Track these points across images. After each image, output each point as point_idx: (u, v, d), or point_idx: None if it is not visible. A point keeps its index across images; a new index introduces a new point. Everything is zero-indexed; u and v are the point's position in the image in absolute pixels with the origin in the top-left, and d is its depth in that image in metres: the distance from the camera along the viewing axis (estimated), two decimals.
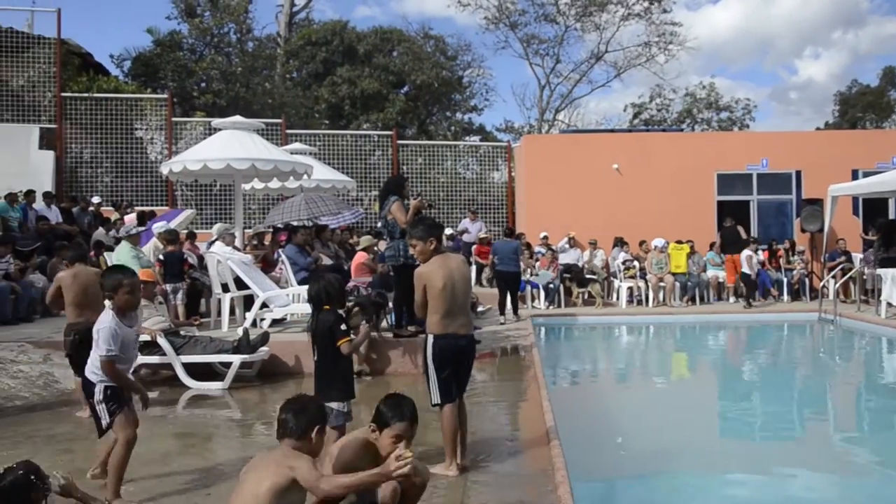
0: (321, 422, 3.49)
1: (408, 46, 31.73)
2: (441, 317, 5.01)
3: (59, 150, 17.50)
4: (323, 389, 4.79)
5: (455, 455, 5.08)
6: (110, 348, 4.42)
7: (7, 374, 7.94)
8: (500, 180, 21.52)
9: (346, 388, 4.83)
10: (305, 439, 3.42)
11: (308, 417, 3.45)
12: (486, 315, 13.58)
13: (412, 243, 5.19)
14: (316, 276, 5.05)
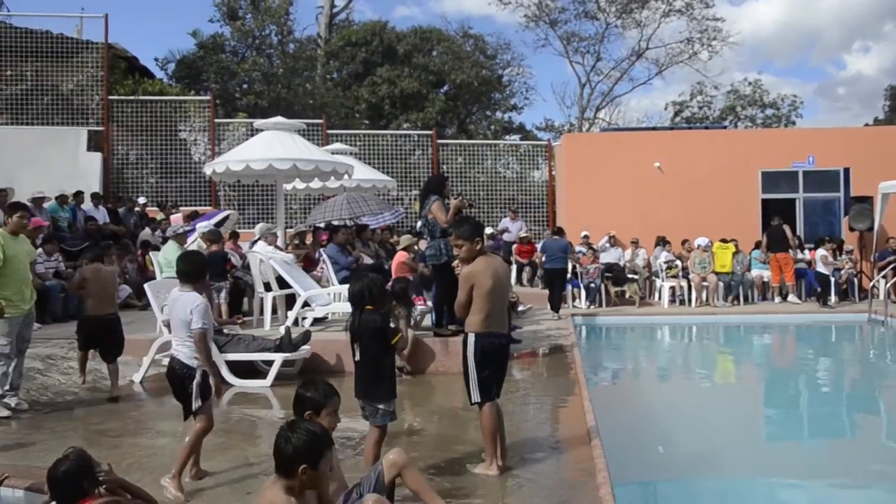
0: (309, 458, 3.10)
1: (447, 46, 31.75)
2: (485, 316, 5.03)
3: (106, 152, 17.84)
4: (367, 389, 4.79)
5: (496, 454, 5.07)
6: (205, 322, 4.88)
7: (58, 371, 8.13)
8: (540, 179, 21.42)
9: (389, 387, 4.81)
10: (293, 476, 3.11)
11: (293, 452, 3.10)
12: (527, 314, 13.53)
13: (457, 243, 5.17)
14: (358, 276, 5.05)
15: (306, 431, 3.14)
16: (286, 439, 3.11)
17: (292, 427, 3.17)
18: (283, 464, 3.10)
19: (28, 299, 6.96)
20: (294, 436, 3.10)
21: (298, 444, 3.08)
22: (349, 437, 5.95)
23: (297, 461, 3.06)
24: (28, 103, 17.95)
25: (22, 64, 17.91)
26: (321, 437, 3.17)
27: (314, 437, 3.14)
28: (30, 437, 6.16)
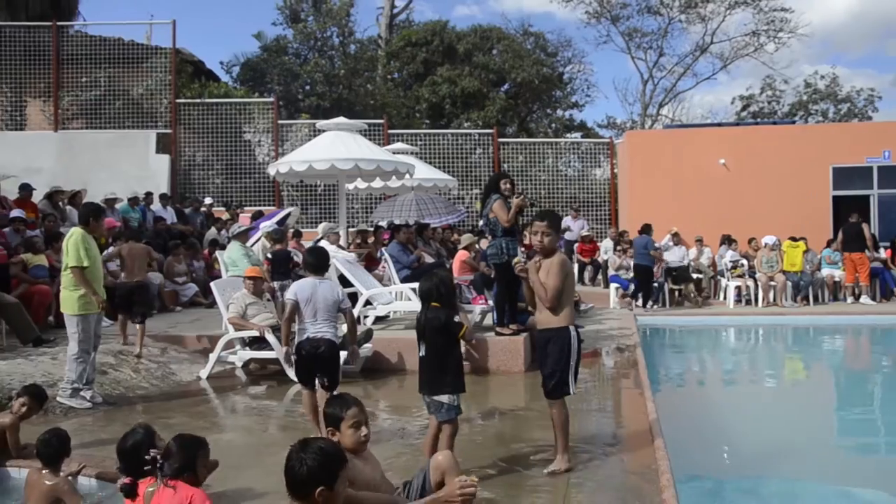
0: (326, 479, 2.87)
1: (507, 44, 31.63)
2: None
3: (173, 154, 18.30)
4: (434, 383, 4.82)
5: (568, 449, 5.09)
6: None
7: (129, 366, 8.37)
8: (602, 177, 21.18)
9: (456, 381, 4.83)
10: (309, 499, 2.87)
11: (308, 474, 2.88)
12: (589, 313, 13.39)
13: (546, 231, 5.04)
14: (430, 273, 5.10)
15: (318, 450, 2.90)
16: (300, 461, 2.87)
17: (304, 447, 2.94)
18: (298, 486, 2.87)
19: (101, 298, 7.23)
20: (308, 456, 2.87)
21: (313, 464, 2.85)
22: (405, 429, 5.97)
23: (313, 483, 2.84)
24: (101, 108, 18.54)
25: (96, 70, 18.52)
26: (335, 454, 2.96)
27: (328, 455, 2.90)
28: (103, 429, 6.36)
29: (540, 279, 4.98)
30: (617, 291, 14.98)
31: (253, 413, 7.37)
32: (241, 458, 5.52)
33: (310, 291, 5.69)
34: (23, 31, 18.20)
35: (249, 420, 7.07)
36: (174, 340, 9.59)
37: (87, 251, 7.03)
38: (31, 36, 18.15)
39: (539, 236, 5.04)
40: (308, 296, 5.66)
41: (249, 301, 8.52)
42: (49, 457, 4.52)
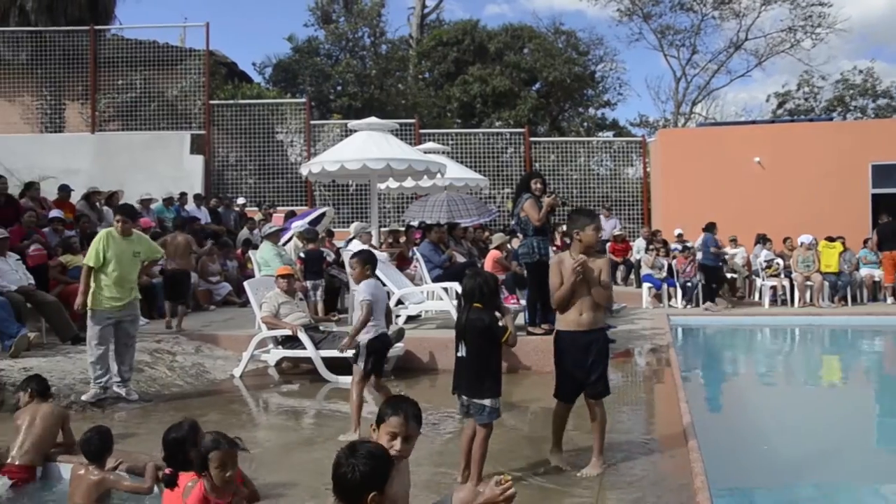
0: (378, 484, 2.83)
1: (539, 43, 31.51)
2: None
3: (207, 155, 18.50)
4: (474, 386, 4.77)
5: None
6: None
7: (164, 364, 8.48)
8: (634, 176, 21.01)
9: (495, 385, 4.78)
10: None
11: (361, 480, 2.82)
12: (621, 313, 13.28)
13: (588, 231, 5.05)
14: (473, 273, 5.05)
15: (368, 455, 2.85)
16: (352, 467, 2.81)
17: (353, 452, 2.88)
18: (350, 493, 2.83)
19: (122, 297, 7.25)
20: (358, 462, 2.82)
21: (365, 470, 2.80)
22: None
23: (365, 489, 2.80)
24: (137, 110, 18.79)
25: (131, 73, 18.78)
26: (384, 457, 2.94)
27: (378, 459, 2.87)
28: (139, 426, 6.45)
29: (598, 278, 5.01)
30: (649, 291, 14.86)
31: (285, 411, 7.43)
32: (273, 456, 5.56)
33: (379, 292, 6.18)
34: (61, 35, 18.52)
35: (282, 418, 7.13)
36: (208, 339, 9.69)
37: (104, 252, 7.15)
38: (70, 40, 18.46)
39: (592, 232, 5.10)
40: (380, 296, 6.15)
41: (282, 300, 8.58)
42: (93, 454, 4.65)
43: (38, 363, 7.71)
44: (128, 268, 7.31)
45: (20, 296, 8.84)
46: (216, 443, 3.79)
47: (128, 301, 7.33)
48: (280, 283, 8.73)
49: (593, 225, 5.12)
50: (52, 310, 9.10)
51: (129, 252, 7.33)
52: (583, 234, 5.07)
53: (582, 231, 5.07)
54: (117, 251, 7.26)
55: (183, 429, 4.15)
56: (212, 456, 3.73)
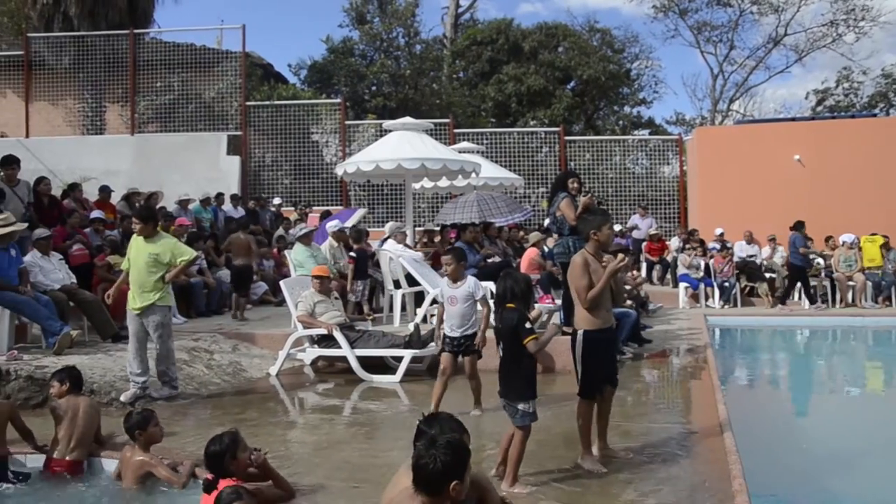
0: (459, 474, 2.93)
1: (573, 41, 31.35)
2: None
3: (244, 155, 18.68)
4: (508, 388, 4.78)
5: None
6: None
7: (202, 363, 8.58)
8: (670, 175, 20.80)
9: (528, 388, 4.75)
10: (440, 495, 2.92)
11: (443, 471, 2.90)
12: (657, 313, 13.15)
13: (604, 230, 5.18)
14: (504, 274, 5.07)
15: (448, 446, 2.95)
16: (433, 458, 2.90)
17: (434, 443, 2.97)
18: (431, 483, 2.91)
19: (137, 300, 7.26)
20: (439, 453, 2.91)
21: (446, 460, 2.90)
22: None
23: (447, 479, 2.89)
24: (175, 111, 19.06)
25: (170, 75, 19.06)
26: (464, 447, 3.02)
27: (458, 449, 2.97)
28: (178, 423, 6.53)
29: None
30: (686, 291, 14.69)
31: (320, 410, 7.48)
32: (308, 455, 5.60)
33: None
34: (102, 39, 18.85)
35: (317, 417, 7.17)
36: (245, 338, 9.79)
37: (129, 254, 7.41)
38: (110, 44, 18.79)
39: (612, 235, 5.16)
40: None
41: (318, 299, 8.64)
42: (131, 428, 5.00)
43: (80, 360, 7.84)
44: (142, 271, 7.24)
45: (63, 294, 9.01)
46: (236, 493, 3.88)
47: (143, 305, 7.25)
48: (315, 284, 8.79)
49: (609, 224, 5.27)
50: (94, 308, 9.27)
51: (145, 254, 7.25)
52: (599, 233, 5.18)
53: (598, 231, 5.18)
54: (134, 254, 7.35)
55: (223, 442, 4.28)
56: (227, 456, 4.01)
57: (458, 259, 6.59)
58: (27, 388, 7.22)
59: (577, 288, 5.05)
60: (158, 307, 7.29)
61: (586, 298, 5.03)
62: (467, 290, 6.51)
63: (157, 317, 7.28)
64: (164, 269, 7.29)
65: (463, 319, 6.51)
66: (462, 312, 6.51)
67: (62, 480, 5.25)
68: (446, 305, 6.56)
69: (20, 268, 8.63)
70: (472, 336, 6.51)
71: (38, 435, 5.61)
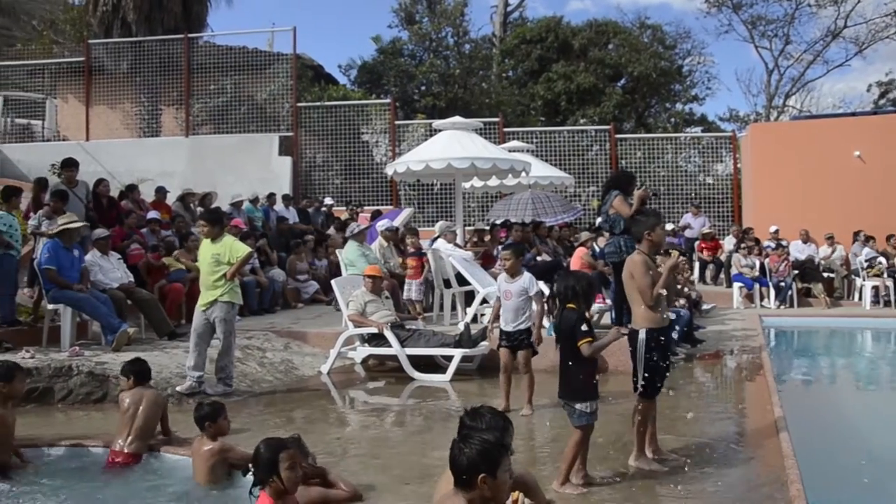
0: (487, 466, 2.96)
1: (624, 38, 31.00)
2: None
3: (295, 156, 18.90)
4: (565, 387, 4.78)
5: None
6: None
7: (255, 360, 8.71)
8: (724, 172, 20.41)
9: (586, 388, 4.73)
10: (473, 488, 2.97)
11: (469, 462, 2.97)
12: (711, 313, 12.92)
13: (657, 231, 5.21)
14: (565, 274, 5.11)
15: (480, 440, 3.01)
16: (460, 449, 3.00)
17: (465, 437, 3.06)
18: (462, 474, 2.99)
19: (203, 298, 7.64)
20: (467, 445, 3.00)
21: (472, 452, 2.97)
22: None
23: (474, 470, 2.95)
24: (228, 113, 19.38)
25: (222, 78, 19.41)
26: (496, 443, 3.04)
27: (489, 443, 3.01)
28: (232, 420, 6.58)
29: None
30: (740, 291, 14.42)
31: (371, 408, 7.53)
32: (359, 453, 5.63)
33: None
34: (158, 44, 19.27)
35: (368, 415, 7.22)
36: (296, 336, 9.91)
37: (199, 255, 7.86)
38: (166, 48, 19.19)
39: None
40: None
41: (368, 299, 8.70)
42: (201, 419, 5.13)
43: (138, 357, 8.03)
44: (206, 270, 7.66)
45: (121, 293, 9.24)
46: (282, 442, 3.87)
47: (207, 301, 7.60)
48: (366, 283, 8.85)
49: (661, 224, 5.32)
50: (150, 306, 9.49)
51: (209, 255, 7.63)
52: (653, 234, 5.20)
53: (652, 231, 5.20)
54: (201, 255, 7.82)
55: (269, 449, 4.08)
56: (282, 456, 3.78)
57: (517, 254, 6.69)
58: (88, 384, 7.44)
59: (640, 287, 5.03)
60: (221, 303, 7.59)
61: (651, 297, 5.01)
62: (522, 285, 6.59)
63: (220, 312, 7.58)
64: (224, 268, 7.60)
65: (516, 314, 6.59)
66: (516, 307, 6.59)
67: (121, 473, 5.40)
68: (501, 300, 6.66)
69: (82, 268, 8.88)
70: (525, 331, 6.59)
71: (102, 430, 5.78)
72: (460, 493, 3.00)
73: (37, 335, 8.82)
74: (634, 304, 5.13)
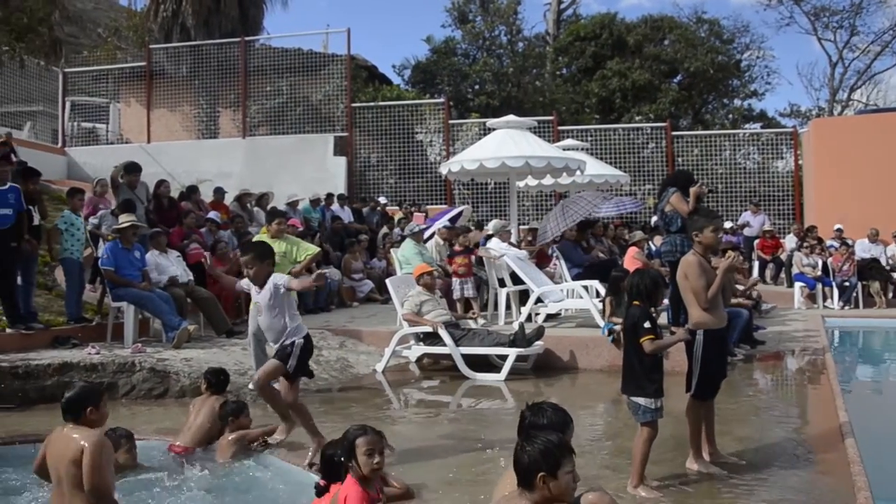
0: (547, 466, 3.00)
1: (680, 33, 30.52)
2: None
3: (349, 156, 19.06)
4: (628, 383, 4.76)
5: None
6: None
7: (311, 358, 8.79)
8: (784, 169, 19.92)
9: (649, 385, 4.69)
10: (535, 489, 3.01)
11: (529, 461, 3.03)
12: (771, 314, 12.62)
13: (706, 233, 5.07)
14: (635, 272, 5.08)
15: (542, 440, 3.06)
16: (522, 448, 3.06)
17: (528, 437, 3.11)
18: (523, 474, 3.03)
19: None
20: (529, 445, 3.05)
21: (534, 452, 3.01)
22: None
23: (534, 469, 2.99)
24: (284, 115, 19.66)
25: (278, 80, 19.70)
26: (558, 444, 3.07)
27: (551, 444, 3.04)
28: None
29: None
30: (802, 291, 14.05)
31: (426, 407, 7.55)
32: (413, 452, 5.65)
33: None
34: (216, 48, 19.65)
35: (422, 414, 7.24)
36: (352, 334, 9.99)
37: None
38: (223, 52, 19.55)
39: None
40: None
41: (424, 298, 8.72)
42: (225, 415, 5.73)
43: (197, 354, 8.21)
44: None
45: (181, 291, 9.45)
46: (363, 429, 3.89)
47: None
48: (425, 280, 8.88)
49: (712, 226, 5.11)
50: (209, 304, 9.68)
51: (279, 252, 7.64)
52: (701, 235, 5.08)
53: (700, 233, 5.09)
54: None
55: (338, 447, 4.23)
56: (359, 442, 3.80)
57: (261, 258, 5.63)
58: (150, 380, 7.63)
59: (695, 288, 4.95)
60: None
61: (706, 299, 4.93)
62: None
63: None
64: (290, 266, 7.75)
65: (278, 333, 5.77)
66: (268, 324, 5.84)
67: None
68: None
69: (143, 269, 9.11)
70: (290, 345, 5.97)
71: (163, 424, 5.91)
72: (524, 493, 3.01)
73: (102, 332, 9.08)
74: (690, 305, 5.05)
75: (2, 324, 8.41)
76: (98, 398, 4.00)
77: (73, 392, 3.98)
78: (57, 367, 7.53)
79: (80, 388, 4.04)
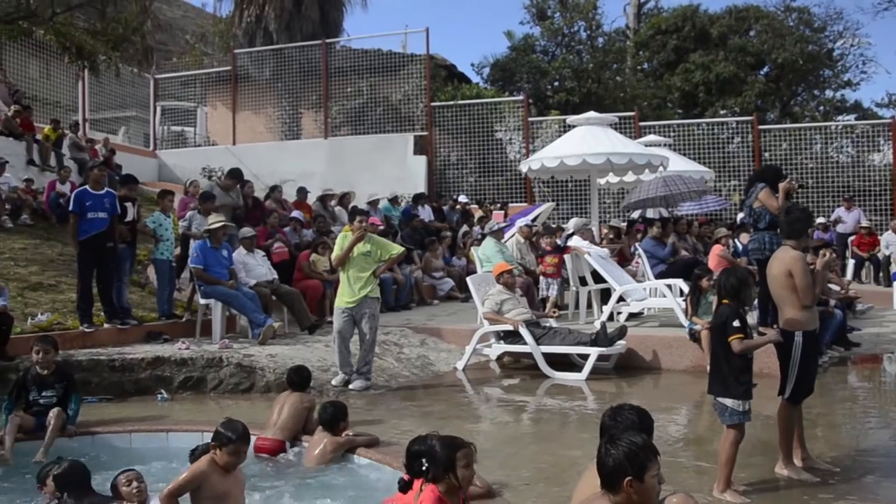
0: (633, 470, 2.95)
1: (767, 23, 29.53)
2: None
3: (429, 155, 19.16)
4: (715, 384, 4.66)
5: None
6: None
7: (392, 356, 8.90)
8: (881, 163, 19.04)
9: (737, 386, 4.57)
10: (620, 491, 2.97)
11: (615, 464, 2.98)
12: (867, 314, 12.08)
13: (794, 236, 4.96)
14: (724, 270, 5.02)
15: (627, 442, 3.01)
16: (606, 450, 3.01)
17: (612, 440, 3.06)
18: (608, 477, 2.99)
19: (353, 294, 7.75)
20: (613, 448, 3.00)
21: (619, 455, 2.96)
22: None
23: (620, 473, 2.94)
24: (364, 115, 19.91)
25: (359, 81, 19.97)
26: (644, 447, 3.01)
27: (636, 446, 2.99)
28: (370, 413, 6.80)
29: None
30: None
31: (506, 405, 7.52)
32: (493, 450, 5.63)
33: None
34: (297, 50, 20.06)
35: (502, 412, 7.22)
36: (432, 332, 10.04)
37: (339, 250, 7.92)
38: (305, 54, 19.94)
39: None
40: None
41: (505, 297, 8.70)
42: (325, 422, 5.59)
43: (282, 350, 8.40)
44: (357, 268, 7.79)
45: (266, 289, 9.68)
46: (459, 441, 3.84)
47: (357, 298, 7.74)
48: (505, 279, 8.85)
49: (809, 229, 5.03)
50: (294, 300, 9.90)
51: (359, 252, 7.79)
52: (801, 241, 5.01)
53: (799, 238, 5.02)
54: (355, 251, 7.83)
55: (426, 443, 4.10)
56: (459, 454, 3.75)
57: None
58: (237, 374, 7.85)
59: (801, 286, 4.78)
60: (371, 299, 7.84)
61: (812, 297, 4.82)
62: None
63: (369, 308, 7.81)
64: (374, 265, 7.85)
65: None
66: None
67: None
68: None
69: (230, 268, 9.37)
70: None
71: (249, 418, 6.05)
72: (607, 495, 2.97)
73: (191, 328, 9.39)
74: (787, 304, 4.85)
75: (100, 319, 8.77)
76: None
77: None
78: (150, 360, 7.85)
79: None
